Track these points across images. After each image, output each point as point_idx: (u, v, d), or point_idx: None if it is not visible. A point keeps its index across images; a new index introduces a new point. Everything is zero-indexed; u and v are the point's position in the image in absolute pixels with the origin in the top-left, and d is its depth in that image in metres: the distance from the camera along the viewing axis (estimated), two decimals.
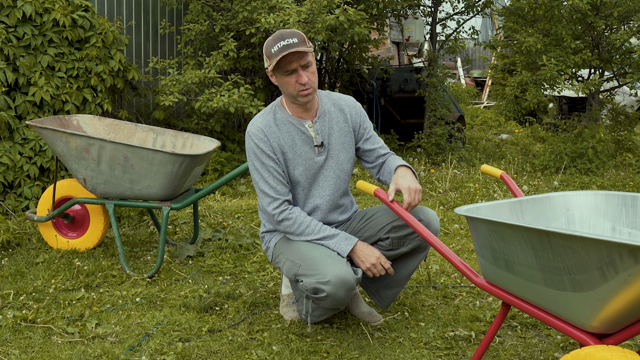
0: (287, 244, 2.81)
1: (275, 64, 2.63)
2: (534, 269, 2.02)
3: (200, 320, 3.05)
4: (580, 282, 1.88)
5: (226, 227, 4.69)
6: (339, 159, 2.87)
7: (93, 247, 4.14)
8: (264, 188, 2.75)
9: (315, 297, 2.63)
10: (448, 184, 6.20)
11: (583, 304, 1.91)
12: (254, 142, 2.76)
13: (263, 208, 2.79)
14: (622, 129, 7.61)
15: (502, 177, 2.83)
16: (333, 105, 2.90)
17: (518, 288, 2.15)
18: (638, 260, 1.71)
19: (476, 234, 2.23)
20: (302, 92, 2.70)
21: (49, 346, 2.79)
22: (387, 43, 10.98)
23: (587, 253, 1.82)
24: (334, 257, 2.65)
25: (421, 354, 2.70)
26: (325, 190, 2.86)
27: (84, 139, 3.64)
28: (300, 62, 2.66)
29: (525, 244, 2.00)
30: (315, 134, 2.82)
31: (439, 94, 7.91)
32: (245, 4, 6.17)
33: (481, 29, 19.17)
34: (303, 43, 2.64)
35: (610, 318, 1.88)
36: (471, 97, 15.09)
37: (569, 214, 2.47)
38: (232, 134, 7.10)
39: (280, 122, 2.80)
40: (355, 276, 2.62)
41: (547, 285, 1.99)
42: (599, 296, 1.85)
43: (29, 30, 4.96)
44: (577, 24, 6.99)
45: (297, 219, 2.74)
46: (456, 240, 4.42)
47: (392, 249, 2.86)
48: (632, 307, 1.83)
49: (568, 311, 1.98)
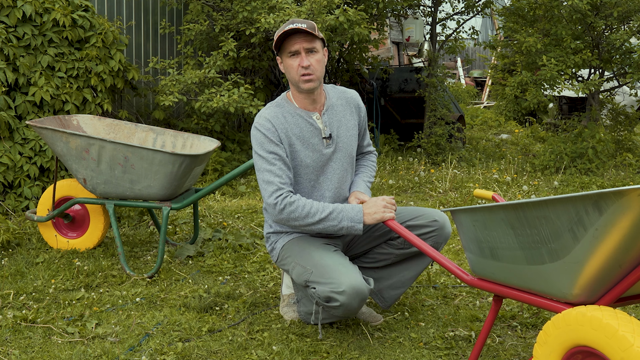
0: (296, 248, 2.78)
1: (280, 45, 2.65)
2: (515, 250, 2.09)
3: (200, 320, 3.05)
4: (556, 250, 1.95)
5: (226, 227, 4.69)
6: (347, 151, 2.87)
7: (93, 247, 4.14)
8: (268, 177, 2.68)
9: (327, 305, 2.60)
10: (448, 184, 6.20)
11: (562, 272, 1.96)
12: (260, 131, 2.71)
13: (265, 198, 2.72)
14: (622, 129, 7.61)
15: (494, 198, 2.85)
16: (339, 98, 2.90)
17: (504, 274, 2.21)
18: (602, 212, 1.77)
19: (462, 228, 2.31)
20: (303, 77, 2.69)
21: (49, 346, 2.79)
22: (387, 43, 10.98)
23: (558, 217, 1.89)
24: (347, 265, 2.62)
25: (421, 354, 2.70)
26: (332, 183, 2.84)
27: (84, 139, 3.64)
28: (304, 44, 2.66)
29: (505, 225, 2.08)
30: (324, 126, 2.81)
31: (439, 94, 7.91)
32: (245, 4, 6.17)
33: (481, 29, 19.18)
34: (312, 29, 2.66)
35: (588, 282, 1.92)
36: (471, 97, 15.09)
37: None
38: (232, 134, 7.10)
39: (287, 113, 2.78)
40: (369, 286, 2.59)
41: (529, 263, 2.06)
42: (574, 259, 1.90)
43: (29, 30, 4.96)
44: (577, 24, 6.99)
45: (300, 203, 2.66)
46: (456, 240, 4.42)
47: (403, 248, 2.87)
48: (607, 266, 1.86)
49: (550, 284, 2.03)
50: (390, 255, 2.90)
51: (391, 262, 2.93)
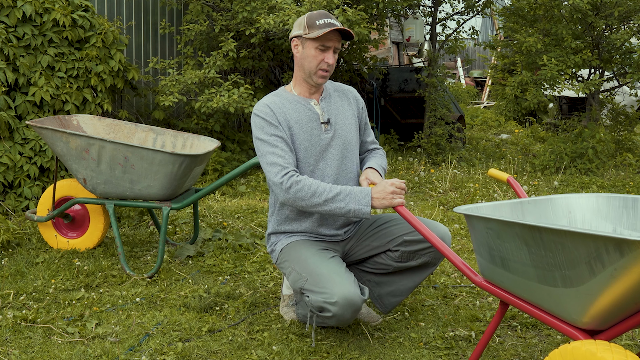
0: (294, 252, 2.77)
1: (317, 36, 2.69)
2: (527, 266, 2.04)
3: (200, 320, 3.05)
4: (570, 277, 1.90)
5: (226, 227, 4.69)
6: (346, 138, 2.88)
7: (93, 247, 4.14)
8: (272, 159, 2.68)
9: (320, 315, 2.59)
10: (448, 184, 6.20)
11: (574, 299, 1.93)
12: (259, 117, 2.74)
13: (270, 179, 2.70)
14: (622, 129, 7.61)
15: (509, 181, 2.83)
16: (336, 91, 2.96)
17: (514, 285, 2.17)
18: (624, 254, 1.73)
19: (474, 232, 2.26)
20: (321, 72, 2.77)
21: (49, 346, 2.79)
22: (387, 43, 10.98)
23: (576, 248, 1.84)
24: (341, 274, 2.60)
25: (421, 354, 2.70)
26: (332, 169, 2.84)
27: (84, 139, 3.64)
28: (337, 44, 2.76)
29: (519, 240, 2.03)
30: (322, 112, 2.84)
31: (439, 94, 7.91)
32: (245, 4, 6.17)
33: (481, 29, 19.17)
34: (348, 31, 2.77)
35: (600, 313, 1.89)
36: (471, 97, 15.09)
37: (570, 216, 2.49)
38: (232, 134, 7.10)
39: (285, 100, 2.83)
40: (362, 297, 2.57)
41: (540, 282, 2.02)
42: (588, 291, 1.87)
43: (29, 30, 4.96)
44: (577, 24, 6.99)
45: (306, 182, 2.64)
46: (456, 240, 4.42)
47: (400, 261, 2.84)
48: (621, 302, 1.84)
49: (560, 307, 2.00)
50: (389, 267, 2.89)
51: (391, 272, 2.92)
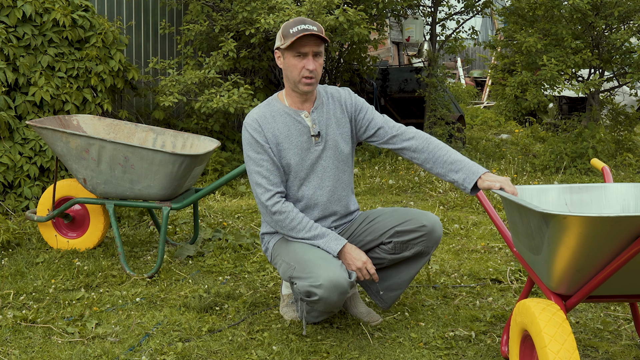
0: (284, 246, 2.80)
1: (290, 43, 2.67)
2: (524, 235, 2.27)
3: (200, 320, 3.05)
4: (537, 246, 2.12)
5: (226, 227, 4.69)
6: (338, 150, 2.87)
7: (93, 247, 4.14)
8: (257, 179, 2.76)
9: (309, 300, 2.61)
10: (448, 184, 6.20)
11: (543, 265, 2.14)
12: (248, 132, 2.79)
13: (257, 198, 2.79)
14: (622, 129, 7.61)
15: (603, 170, 2.87)
16: (329, 97, 2.92)
17: (525, 255, 2.36)
18: (548, 226, 1.93)
19: (506, 208, 2.45)
20: (305, 80, 2.73)
21: (49, 346, 2.79)
22: (387, 43, 10.98)
23: (532, 220, 2.07)
24: (328, 260, 2.63)
25: (421, 354, 2.70)
26: (325, 181, 2.84)
27: (84, 139, 3.64)
28: (314, 48, 2.71)
29: (517, 212, 2.26)
30: (312, 124, 2.83)
31: (439, 94, 7.91)
32: (245, 4, 6.17)
33: (481, 29, 19.18)
34: (321, 33, 2.72)
35: (559, 279, 2.07)
36: (471, 97, 15.09)
37: (625, 203, 2.58)
38: (232, 134, 7.10)
39: (276, 112, 2.82)
40: (349, 280, 2.60)
41: (530, 250, 2.24)
42: (546, 259, 2.07)
43: (29, 30, 4.96)
44: (577, 24, 6.99)
45: (290, 214, 2.73)
46: (456, 240, 4.42)
47: (394, 253, 2.85)
48: (570, 268, 2.01)
49: (540, 274, 2.22)
50: (383, 260, 2.90)
51: (385, 265, 2.93)
